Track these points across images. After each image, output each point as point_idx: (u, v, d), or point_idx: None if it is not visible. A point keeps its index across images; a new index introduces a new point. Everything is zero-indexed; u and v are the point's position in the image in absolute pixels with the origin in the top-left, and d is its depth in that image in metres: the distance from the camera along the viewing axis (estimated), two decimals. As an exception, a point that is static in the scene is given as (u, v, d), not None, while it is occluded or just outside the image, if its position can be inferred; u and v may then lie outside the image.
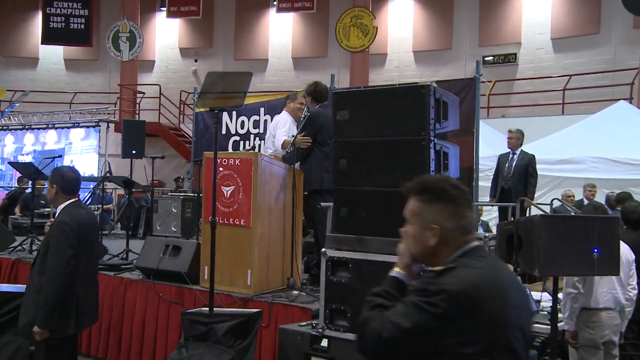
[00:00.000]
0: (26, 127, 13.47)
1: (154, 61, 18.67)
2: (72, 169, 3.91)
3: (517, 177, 7.61)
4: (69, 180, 3.68)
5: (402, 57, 17.01)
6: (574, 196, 8.57)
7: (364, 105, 3.71)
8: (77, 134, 12.81)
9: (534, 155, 7.70)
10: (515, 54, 15.71)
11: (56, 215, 3.66)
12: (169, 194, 11.97)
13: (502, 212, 7.50)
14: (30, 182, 7.26)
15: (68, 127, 13.10)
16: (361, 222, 3.64)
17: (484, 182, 7.84)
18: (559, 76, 14.45)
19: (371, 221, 3.61)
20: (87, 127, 12.61)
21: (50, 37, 17.83)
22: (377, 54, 16.60)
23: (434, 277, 1.72)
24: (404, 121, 3.51)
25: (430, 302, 1.66)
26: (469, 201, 1.85)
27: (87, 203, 7.93)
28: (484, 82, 7.10)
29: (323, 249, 3.78)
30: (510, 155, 7.76)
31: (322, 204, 4.85)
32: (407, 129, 3.49)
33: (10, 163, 8.16)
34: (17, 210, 10.55)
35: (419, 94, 3.46)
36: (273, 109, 7.85)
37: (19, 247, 6.89)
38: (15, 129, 13.59)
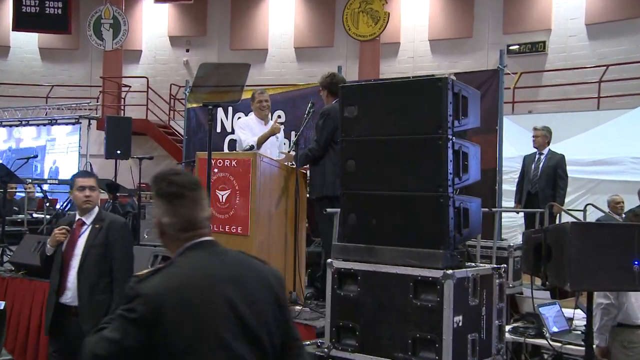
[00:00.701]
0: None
1: (141, 51, 18.74)
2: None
3: (545, 180, 7.61)
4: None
5: (416, 46, 17.05)
6: (623, 202, 8.17)
7: (374, 101, 3.75)
8: (61, 129, 12.84)
9: (563, 156, 7.71)
10: (544, 42, 15.70)
11: (97, 218, 4.15)
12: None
13: (529, 219, 7.52)
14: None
15: (45, 124, 13.18)
16: (371, 230, 3.67)
17: (508, 186, 7.87)
18: (594, 67, 14.40)
19: (383, 229, 3.64)
20: (66, 124, 12.68)
21: (23, 23, 17.83)
22: (388, 43, 16.63)
23: (135, 283, 1.91)
24: (419, 118, 3.54)
25: (129, 309, 1.86)
26: (187, 196, 2.04)
27: (66, 209, 8.01)
28: (509, 73, 7.14)
29: (329, 260, 3.81)
30: (537, 156, 7.76)
31: (328, 209, 4.88)
32: (422, 127, 3.52)
33: (-22, 166, 8.22)
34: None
35: (436, 88, 3.49)
36: (273, 105, 7.88)
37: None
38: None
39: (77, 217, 4.22)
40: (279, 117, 6.72)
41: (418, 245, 3.47)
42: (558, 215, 7.21)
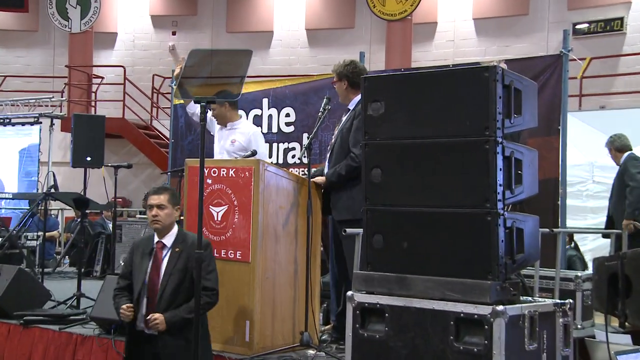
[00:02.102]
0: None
1: (116, 34, 18.94)
2: None
3: (617, 197, 7.67)
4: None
5: (458, 27, 17.08)
6: None
7: (404, 95, 3.77)
8: (15, 130, 12.93)
9: (630, 156, 7.68)
10: (621, 19, 15.58)
11: (177, 239, 4.59)
12: (138, 216, 12.10)
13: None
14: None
15: (-4, 125, 13.32)
16: (402, 255, 3.69)
17: (575, 200, 7.86)
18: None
19: (416, 253, 3.66)
20: (22, 124, 12.80)
21: (-35, -3, 18.12)
22: (423, 24, 16.68)
23: None
24: (461, 117, 3.56)
25: None
26: None
27: (24, 228, 8.10)
28: (575, 59, 7.14)
29: (349, 292, 3.83)
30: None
31: (348, 230, 4.91)
32: (464, 128, 3.54)
33: None
34: None
35: (482, 79, 3.50)
36: (281, 100, 7.96)
37: None
38: None
39: (156, 238, 4.61)
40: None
41: (460, 275, 3.49)
42: (626, 232, 7.14)
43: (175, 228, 4.63)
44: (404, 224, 3.72)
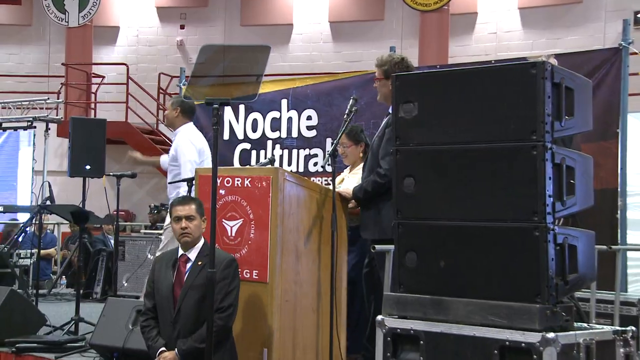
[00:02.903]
0: None
1: (118, 28, 19.07)
2: None
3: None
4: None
5: (500, 17, 17.00)
6: None
7: (441, 95, 3.78)
8: (6, 136, 13.05)
9: None
10: (691, 6, 15.43)
11: (201, 253, 4.76)
12: (143, 231, 12.14)
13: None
14: None
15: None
16: (438, 275, 3.69)
17: (636, 213, 7.78)
18: None
19: (454, 273, 3.66)
20: (14, 128, 12.93)
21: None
22: (461, 14, 16.65)
23: None
24: (504, 119, 3.56)
25: None
26: None
27: (18, 245, 8.19)
28: (636, 53, 7.08)
29: (379, 317, 3.84)
30: None
31: (377, 247, 4.91)
32: (508, 131, 3.54)
33: None
34: None
35: (528, 77, 3.50)
36: (302, 101, 7.98)
37: None
38: None
39: (180, 251, 4.77)
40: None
41: (505, 298, 3.48)
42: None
43: (202, 241, 4.81)
44: (440, 240, 3.72)
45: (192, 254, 4.75)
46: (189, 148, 6.85)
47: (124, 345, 5.39)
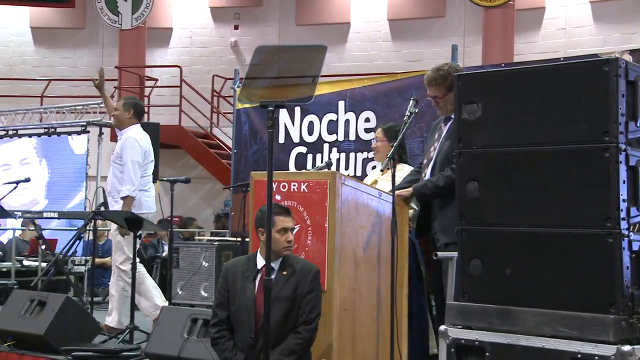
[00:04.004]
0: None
1: (171, 29, 19.29)
2: None
3: None
4: None
5: (570, 12, 16.74)
6: None
7: (506, 95, 3.73)
8: (61, 141, 13.26)
9: None
10: None
11: (285, 262, 4.77)
12: (197, 238, 12.24)
13: None
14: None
15: (39, 135, 13.71)
16: (505, 284, 3.65)
17: None
18: None
19: (521, 282, 3.60)
20: (69, 133, 13.13)
21: (9, -8, 18.74)
22: (528, 10, 16.45)
23: None
24: (575, 119, 3.50)
25: None
26: None
27: (70, 254, 8.29)
28: None
29: (442, 327, 3.80)
30: None
31: (439, 253, 4.86)
32: (579, 132, 3.49)
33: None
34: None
35: (600, 74, 3.44)
36: (360, 103, 7.96)
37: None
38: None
39: (260, 261, 4.76)
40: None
41: (576, 308, 3.42)
42: None
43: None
44: (506, 247, 3.68)
45: (275, 264, 4.71)
46: (134, 148, 7.20)
47: (179, 354, 5.40)
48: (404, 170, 5.89)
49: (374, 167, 7.69)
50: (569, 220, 3.50)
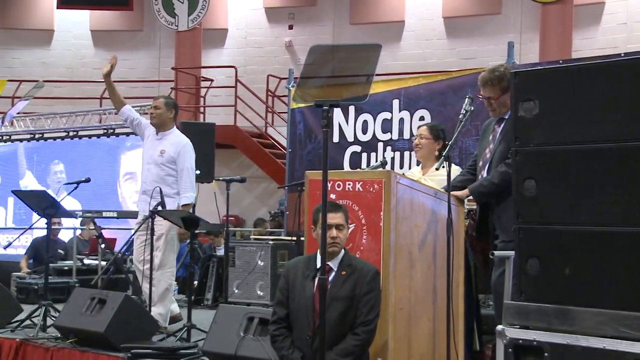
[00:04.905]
0: (36, 136, 14.48)
1: (226, 30, 19.44)
2: None
3: None
4: None
5: (632, 5, 16.39)
6: None
7: (564, 92, 3.69)
8: (118, 141, 13.46)
9: None
10: None
11: (344, 262, 4.78)
12: (252, 237, 12.30)
13: None
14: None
15: (98, 136, 13.94)
16: (564, 283, 3.61)
17: None
18: None
19: (580, 281, 3.56)
20: (127, 134, 13.32)
21: (70, -3, 19.10)
22: (586, 5, 16.22)
23: None
24: (636, 116, 3.45)
25: None
26: None
27: (129, 252, 8.40)
28: None
29: (499, 327, 3.77)
30: None
31: (496, 252, 4.83)
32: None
33: (14, 192, 8.80)
34: (23, 264, 11.36)
35: (661, 70, 3.40)
36: (415, 101, 7.95)
37: (27, 322, 7.39)
38: (22, 140, 14.63)
39: (320, 260, 4.76)
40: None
41: (638, 308, 3.37)
42: None
43: (342, 251, 4.80)
44: (565, 246, 3.63)
45: (334, 264, 4.74)
46: (192, 155, 7.30)
47: (236, 353, 5.45)
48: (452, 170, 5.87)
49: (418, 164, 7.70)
50: (629, 219, 3.44)
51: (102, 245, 9.92)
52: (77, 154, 14.17)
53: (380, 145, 8.33)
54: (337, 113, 8.48)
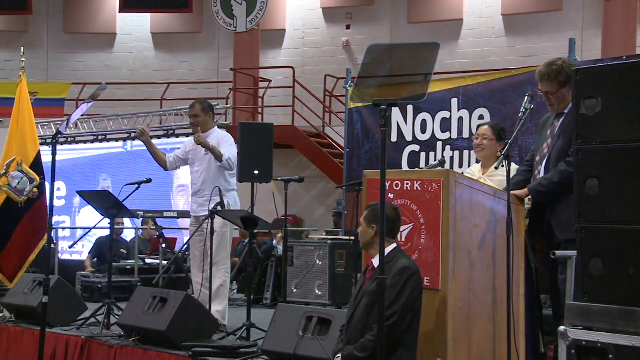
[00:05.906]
0: (100, 137, 14.71)
1: (284, 31, 19.56)
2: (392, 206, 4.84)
3: None
4: (392, 220, 4.79)
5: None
6: None
7: (627, 89, 3.65)
8: (179, 142, 13.60)
9: None
10: None
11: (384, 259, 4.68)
12: (310, 236, 12.34)
13: None
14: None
15: (158, 137, 14.10)
16: (627, 284, 3.56)
17: None
18: None
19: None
20: (187, 135, 13.46)
21: (132, 1, 19.39)
22: (650, 0, 15.92)
23: None
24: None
25: None
26: None
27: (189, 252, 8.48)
28: None
29: (561, 328, 3.74)
30: None
31: (557, 252, 4.78)
32: None
33: (79, 193, 8.95)
34: (87, 263, 11.57)
35: None
36: (474, 100, 7.89)
37: (92, 320, 7.52)
38: (86, 141, 14.87)
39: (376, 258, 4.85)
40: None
41: None
42: None
43: (391, 247, 4.76)
44: (628, 246, 3.59)
45: (376, 261, 4.75)
46: (233, 145, 7.55)
47: (295, 352, 5.46)
48: (511, 169, 5.81)
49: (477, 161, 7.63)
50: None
51: (163, 245, 10.04)
52: (135, 165, 14.32)
53: (439, 144, 8.28)
54: (396, 112, 8.45)
